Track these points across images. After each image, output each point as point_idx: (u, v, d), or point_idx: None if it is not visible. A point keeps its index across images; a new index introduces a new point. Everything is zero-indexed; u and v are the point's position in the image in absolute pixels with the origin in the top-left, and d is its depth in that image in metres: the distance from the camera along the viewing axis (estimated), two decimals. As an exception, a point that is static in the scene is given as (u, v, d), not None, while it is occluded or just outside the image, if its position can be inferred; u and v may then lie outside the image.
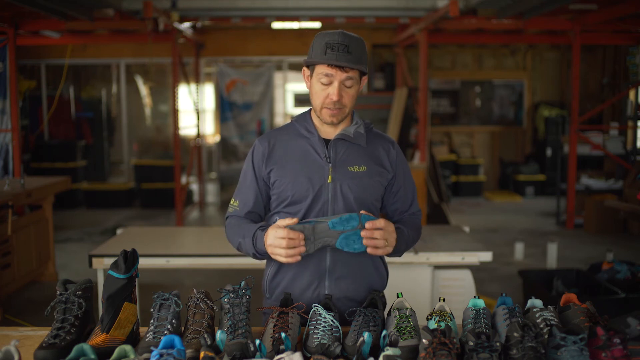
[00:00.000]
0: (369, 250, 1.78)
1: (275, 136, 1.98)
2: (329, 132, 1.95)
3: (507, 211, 9.10)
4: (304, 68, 1.95)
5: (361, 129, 1.96)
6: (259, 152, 1.96)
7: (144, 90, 11.18)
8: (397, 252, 1.90)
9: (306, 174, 1.90)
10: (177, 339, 1.45)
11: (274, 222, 1.94)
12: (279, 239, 1.75)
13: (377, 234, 1.76)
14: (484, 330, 1.67)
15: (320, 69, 1.86)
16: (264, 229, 1.85)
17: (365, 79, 1.94)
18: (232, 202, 2.02)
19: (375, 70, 10.18)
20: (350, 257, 1.90)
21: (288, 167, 1.91)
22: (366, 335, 1.52)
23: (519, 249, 6.33)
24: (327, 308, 1.76)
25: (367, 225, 1.76)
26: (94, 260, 3.42)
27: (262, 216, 2.03)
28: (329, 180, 1.89)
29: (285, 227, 1.75)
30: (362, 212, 1.79)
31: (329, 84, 1.85)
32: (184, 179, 8.93)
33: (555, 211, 8.36)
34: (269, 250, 1.80)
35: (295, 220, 1.77)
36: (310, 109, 1.99)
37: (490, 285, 5.37)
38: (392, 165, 1.98)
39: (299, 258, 1.77)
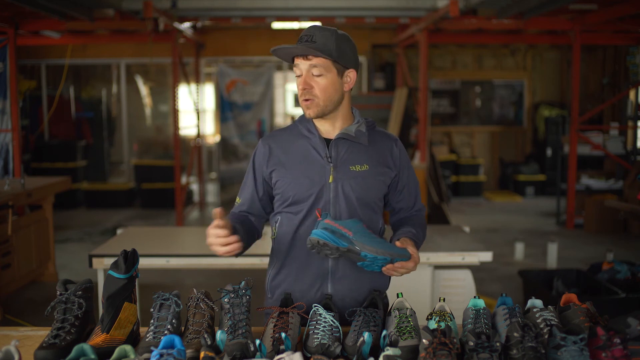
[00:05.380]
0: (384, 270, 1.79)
1: (278, 137, 1.98)
2: (330, 132, 1.94)
3: (507, 211, 9.10)
4: None
5: (363, 128, 1.95)
6: (260, 153, 1.97)
7: (144, 90, 11.18)
8: None
9: (307, 174, 1.89)
10: (177, 339, 1.45)
11: (276, 222, 1.96)
12: (214, 238, 1.74)
13: (398, 272, 1.78)
14: (484, 330, 1.66)
15: (295, 63, 1.88)
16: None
17: (351, 73, 1.90)
18: (237, 199, 2.05)
19: (375, 70, 10.18)
20: None
21: (289, 167, 1.91)
22: (366, 335, 1.52)
23: (519, 249, 6.33)
24: (327, 308, 1.76)
25: (397, 264, 1.74)
26: (94, 260, 3.42)
27: (260, 215, 2.03)
28: (330, 180, 1.88)
29: (319, 240, 1.70)
30: (396, 250, 1.74)
31: (301, 75, 1.87)
32: (184, 179, 8.93)
33: (555, 211, 8.37)
34: (211, 248, 1.78)
35: (220, 211, 1.73)
36: None
37: (490, 285, 5.37)
38: (396, 163, 1.97)
39: (231, 250, 1.75)
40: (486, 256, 3.47)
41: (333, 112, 1.91)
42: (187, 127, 9.97)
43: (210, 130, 11.30)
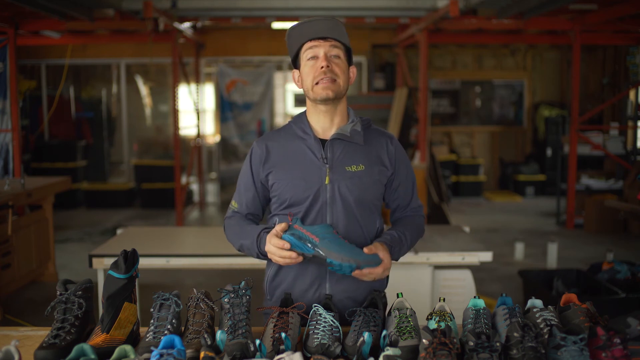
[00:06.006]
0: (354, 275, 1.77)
1: (273, 138, 1.97)
2: (326, 133, 1.93)
3: (507, 211, 9.10)
4: (294, 71, 1.95)
5: (358, 127, 1.93)
6: (256, 154, 1.95)
7: (144, 90, 11.18)
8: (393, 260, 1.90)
9: (303, 176, 1.88)
10: (177, 339, 1.45)
11: (274, 224, 1.95)
12: (275, 249, 1.75)
13: (368, 277, 1.76)
14: (484, 330, 1.66)
15: (305, 48, 1.86)
16: (268, 231, 1.84)
17: (353, 70, 1.92)
18: (232, 203, 2.02)
19: (375, 70, 10.18)
20: None
21: (285, 169, 1.90)
22: (366, 335, 1.52)
23: (519, 249, 6.33)
24: (327, 308, 1.76)
25: (364, 270, 1.73)
26: (94, 260, 3.42)
27: (260, 217, 2.03)
28: (326, 182, 1.87)
29: (283, 246, 1.71)
30: (364, 257, 1.72)
31: (315, 57, 1.85)
32: (184, 179, 8.93)
33: (555, 211, 8.36)
34: (269, 255, 1.80)
35: (284, 225, 1.74)
36: (306, 110, 1.98)
37: (490, 285, 5.37)
38: (392, 161, 1.96)
39: (288, 263, 1.77)
40: (486, 256, 3.47)
41: (333, 105, 1.89)
42: (187, 127, 9.97)
43: (210, 130, 11.30)
